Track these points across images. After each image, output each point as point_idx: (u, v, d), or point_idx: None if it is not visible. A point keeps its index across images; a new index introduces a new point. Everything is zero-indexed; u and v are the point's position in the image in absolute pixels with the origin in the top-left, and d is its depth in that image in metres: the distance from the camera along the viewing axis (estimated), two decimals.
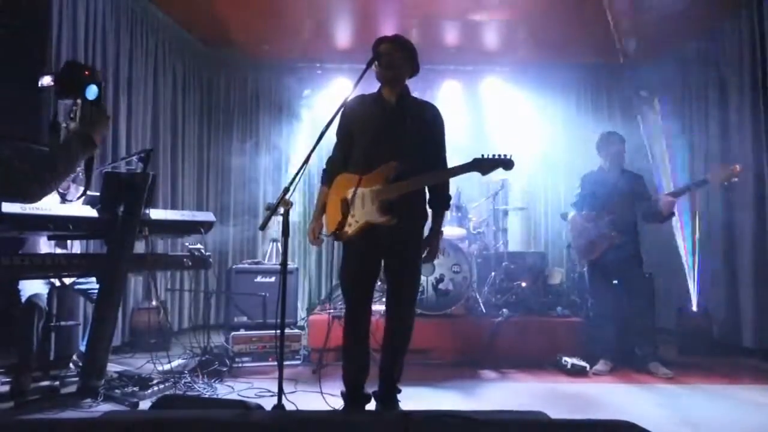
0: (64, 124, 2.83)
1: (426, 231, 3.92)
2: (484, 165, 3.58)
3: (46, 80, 2.88)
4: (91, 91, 2.68)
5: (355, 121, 3.73)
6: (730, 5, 6.60)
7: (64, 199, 4.86)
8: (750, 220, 6.30)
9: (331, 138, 3.76)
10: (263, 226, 3.41)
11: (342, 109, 3.65)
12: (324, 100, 8.47)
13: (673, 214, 5.43)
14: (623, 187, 5.57)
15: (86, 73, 2.86)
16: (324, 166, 3.92)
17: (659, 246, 7.27)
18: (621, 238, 5.44)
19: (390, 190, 3.55)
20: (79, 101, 2.78)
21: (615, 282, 5.59)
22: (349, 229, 3.62)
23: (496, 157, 3.58)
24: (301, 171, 3.36)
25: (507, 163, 3.58)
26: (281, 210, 3.35)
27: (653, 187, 6.53)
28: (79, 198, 3.36)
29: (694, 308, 6.55)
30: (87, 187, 3.06)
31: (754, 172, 6.22)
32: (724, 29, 6.88)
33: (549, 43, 7.83)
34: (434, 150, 3.79)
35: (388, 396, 3.75)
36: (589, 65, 8.67)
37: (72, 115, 2.77)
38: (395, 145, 3.61)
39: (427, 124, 3.76)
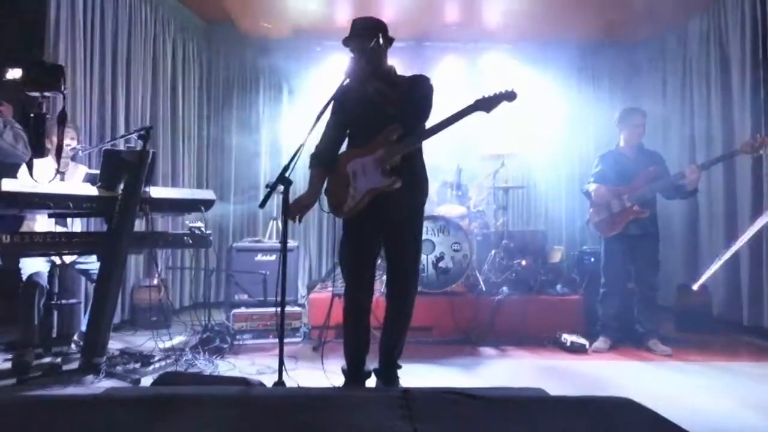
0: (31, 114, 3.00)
1: (426, 211, 3.93)
2: (487, 102, 3.57)
3: (16, 73, 2.98)
4: None
5: (347, 104, 3.71)
6: None
7: (63, 177, 4.87)
8: (748, 198, 6.28)
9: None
10: (263, 204, 3.41)
11: (333, 94, 3.64)
12: (323, 78, 8.43)
13: (697, 189, 5.37)
14: (642, 163, 5.53)
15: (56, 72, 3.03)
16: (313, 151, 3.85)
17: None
18: (645, 212, 5.42)
19: (394, 150, 3.54)
20: (46, 94, 3.05)
21: (628, 259, 5.56)
22: (352, 202, 3.62)
23: (498, 92, 3.58)
24: (300, 149, 3.35)
25: (510, 95, 3.57)
26: (281, 188, 3.34)
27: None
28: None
29: (694, 286, 6.55)
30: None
31: None
32: (726, 5, 6.83)
33: (550, 19, 7.77)
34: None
35: (388, 372, 3.77)
36: (591, 42, 8.61)
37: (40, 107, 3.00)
38: (391, 119, 3.58)
39: (414, 92, 3.70)
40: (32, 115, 3.09)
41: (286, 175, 3.30)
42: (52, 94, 3.12)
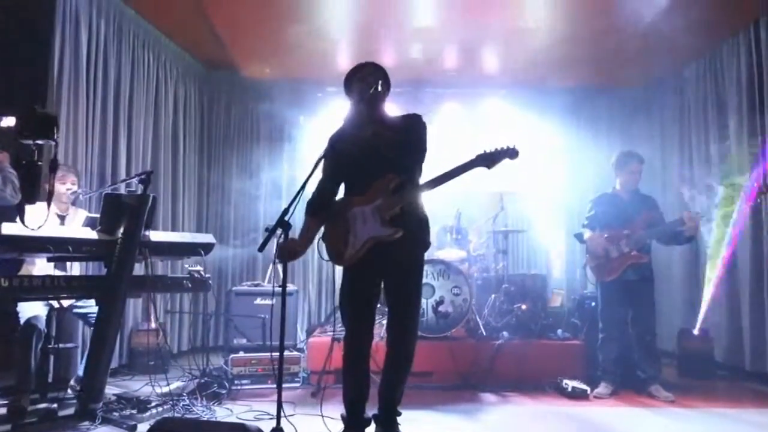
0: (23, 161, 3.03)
1: (426, 254, 3.93)
2: (489, 158, 3.60)
3: (10, 121, 3.06)
4: None
5: (344, 150, 3.71)
6: (728, 28, 6.65)
7: (63, 221, 4.88)
8: (749, 242, 6.29)
9: None
10: (262, 248, 3.41)
11: (329, 142, 3.68)
12: (323, 123, 8.52)
13: (695, 236, 5.37)
14: (638, 207, 5.53)
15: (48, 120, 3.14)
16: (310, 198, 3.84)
17: (658, 267, 7.29)
18: (645, 258, 5.42)
19: (393, 201, 3.54)
20: (39, 142, 3.12)
21: (625, 303, 5.52)
22: (352, 250, 3.61)
23: (500, 149, 3.60)
24: (299, 194, 3.37)
25: (512, 153, 3.61)
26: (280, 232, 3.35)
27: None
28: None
29: (696, 331, 6.52)
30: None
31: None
32: (722, 52, 6.93)
33: (547, 64, 7.87)
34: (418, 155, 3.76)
35: (388, 419, 3.72)
36: (589, 86, 8.70)
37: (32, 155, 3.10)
38: (388, 162, 3.61)
39: (410, 133, 3.72)
40: (24, 162, 3.15)
41: (286, 218, 3.31)
42: (45, 142, 3.17)
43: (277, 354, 3.45)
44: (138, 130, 6.72)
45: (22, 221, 3.32)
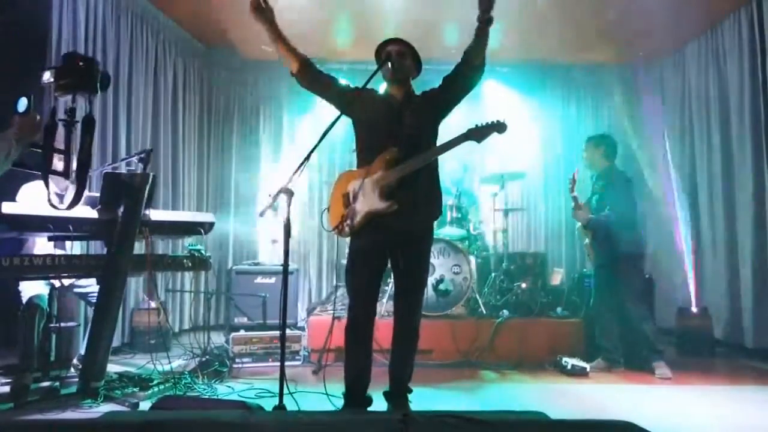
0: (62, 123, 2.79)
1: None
2: (478, 132, 3.63)
3: (46, 76, 2.83)
4: (21, 104, 2.70)
5: (364, 108, 3.76)
6: (729, 4, 6.60)
7: (61, 199, 4.86)
8: (750, 219, 6.28)
9: (336, 136, 3.77)
10: (263, 213, 3.43)
11: (361, 88, 3.71)
12: (322, 101, 8.48)
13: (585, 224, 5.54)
14: (595, 190, 5.68)
15: (79, 63, 2.81)
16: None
17: (658, 246, 7.30)
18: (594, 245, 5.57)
19: (389, 174, 3.55)
20: (78, 98, 2.79)
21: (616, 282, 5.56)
22: (351, 222, 3.62)
23: (488, 123, 3.65)
24: (304, 162, 3.37)
25: (500, 126, 3.64)
26: (283, 198, 3.35)
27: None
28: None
29: (694, 309, 6.54)
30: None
31: (754, 171, 6.25)
32: (723, 28, 6.89)
33: (549, 43, 7.82)
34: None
35: (398, 396, 3.76)
36: (591, 65, 8.66)
37: (69, 114, 2.76)
38: (398, 139, 3.62)
39: (430, 114, 3.77)
40: (61, 121, 2.79)
41: (289, 186, 3.32)
42: (86, 96, 2.85)
43: (278, 332, 3.46)
44: (137, 109, 6.69)
45: (50, 200, 3.12)
